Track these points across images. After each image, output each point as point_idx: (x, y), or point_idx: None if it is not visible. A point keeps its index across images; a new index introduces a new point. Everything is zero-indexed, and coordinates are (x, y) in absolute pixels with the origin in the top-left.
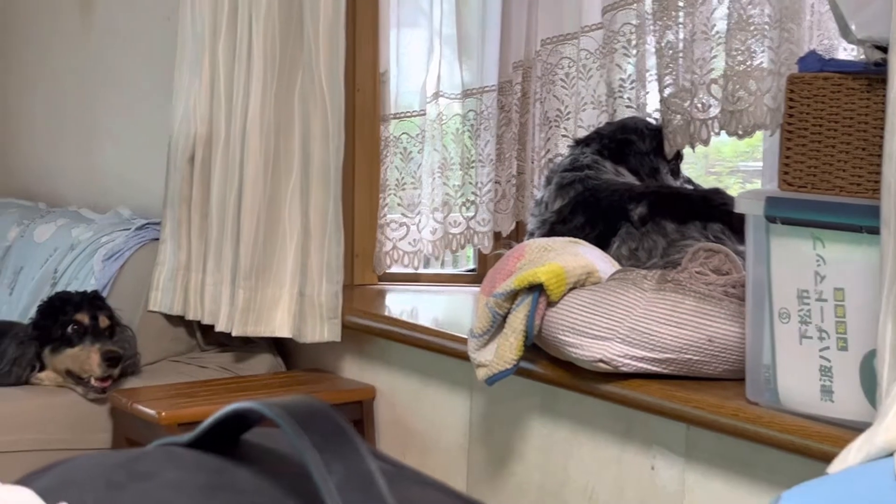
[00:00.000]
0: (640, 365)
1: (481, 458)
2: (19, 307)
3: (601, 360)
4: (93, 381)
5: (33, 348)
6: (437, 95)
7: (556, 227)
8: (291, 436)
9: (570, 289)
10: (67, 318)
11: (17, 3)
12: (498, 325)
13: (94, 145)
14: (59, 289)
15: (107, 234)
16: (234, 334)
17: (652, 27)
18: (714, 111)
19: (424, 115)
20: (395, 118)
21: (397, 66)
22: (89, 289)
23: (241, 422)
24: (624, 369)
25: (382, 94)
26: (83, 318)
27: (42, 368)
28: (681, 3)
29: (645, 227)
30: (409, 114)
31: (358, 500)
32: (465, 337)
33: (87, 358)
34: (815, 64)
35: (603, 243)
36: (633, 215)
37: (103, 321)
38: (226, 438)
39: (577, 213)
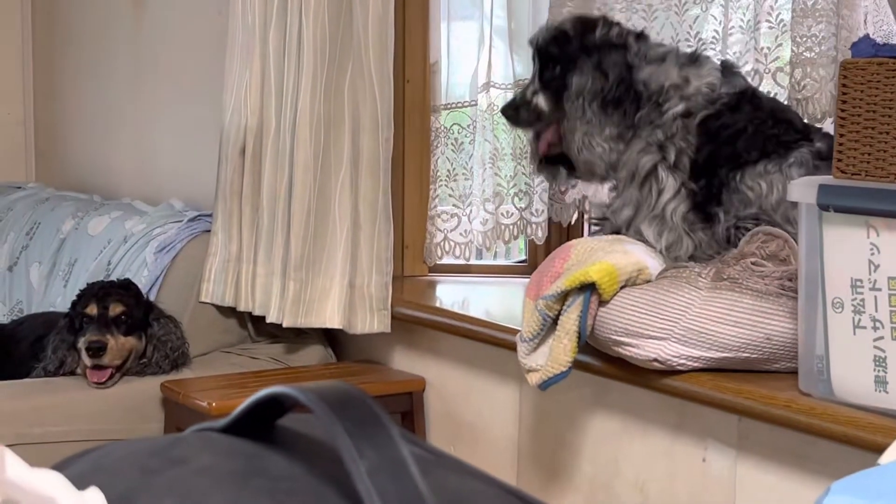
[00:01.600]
0: (696, 364)
1: (531, 449)
2: (74, 298)
3: (656, 360)
4: (87, 373)
5: (71, 336)
6: (487, 86)
7: (715, 117)
8: (324, 421)
9: (622, 287)
10: (78, 310)
11: (73, 4)
12: (548, 327)
13: (147, 138)
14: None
15: (159, 226)
16: (284, 325)
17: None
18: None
19: (475, 105)
20: (445, 109)
21: (448, 57)
22: (143, 280)
23: (275, 407)
24: (679, 368)
25: (433, 85)
26: (91, 309)
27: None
28: None
29: (821, 161)
30: (459, 104)
31: (389, 486)
32: (515, 328)
33: (80, 349)
34: (868, 49)
35: (768, 145)
36: (817, 145)
37: (114, 310)
38: (261, 424)
39: (751, 107)
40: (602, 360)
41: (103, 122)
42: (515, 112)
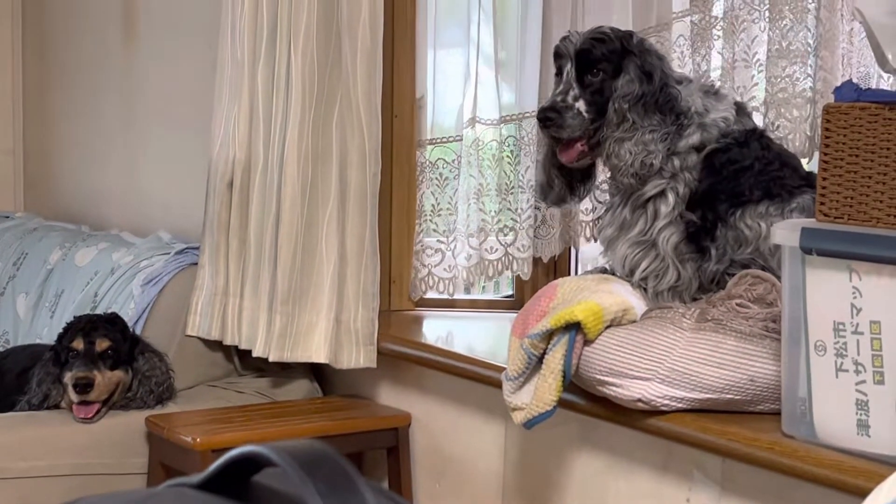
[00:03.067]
0: (680, 405)
1: (517, 486)
2: (60, 330)
3: (640, 400)
4: (73, 408)
5: (56, 370)
6: (473, 121)
7: (723, 151)
8: (296, 481)
9: (607, 327)
10: (64, 344)
11: (62, 31)
12: (533, 366)
13: (136, 169)
14: (99, 312)
15: (146, 258)
16: (270, 360)
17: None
18: None
19: (461, 140)
20: (430, 144)
21: (433, 91)
22: (129, 312)
23: (250, 464)
24: (663, 409)
25: (418, 120)
26: (78, 343)
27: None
28: (718, 32)
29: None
30: (445, 139)
31: None
32: (501, 365)
33: (66, 384)
34: (851, 93)
35: (772, 186)
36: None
37: (100, 345)
38: (236, 479)
39: (759, 146)
40: (587, 400)
41: (92, 152)
42: (559, 115)
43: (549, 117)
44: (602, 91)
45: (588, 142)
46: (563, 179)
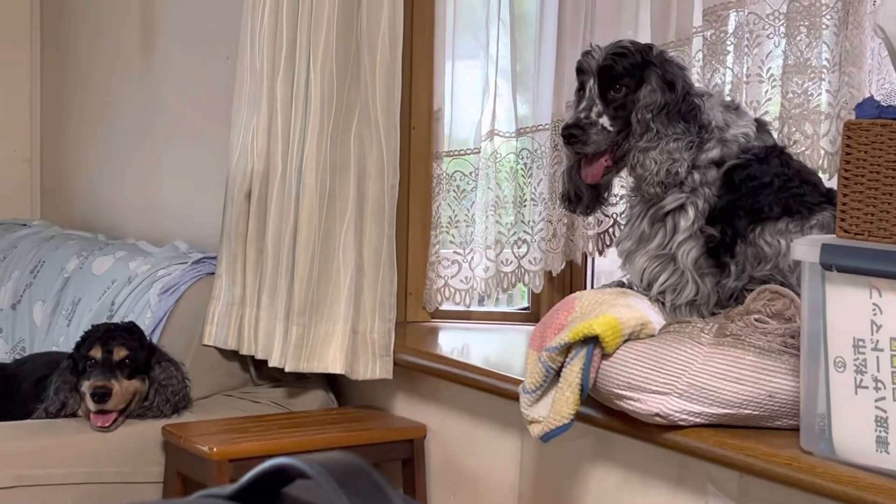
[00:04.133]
0: (698, 420)
1: (532, 499)
2: (77, 339)
3: (658, 415)
4: (91, 417)
5: (74, 378)
6: (491, 134)
7: (742, 167)
8: (329, 494)
9: (625, 341)
10: (82, 352)
11: (80, 42)
12: (551, 379)
13: (153, 179)
14: (116, 321)
15: (163, 267)
16: (287, 370)
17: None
18: None
19: (478, 153)
20: (448, 156)
21: (451, 103)
22: (146, 321)
23: (282, 476)
24: (681, 423)
25: (436, 132)
26: (96, 352)
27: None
28: (729, 47)
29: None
30: (462, 152)
31: None
32: (517, 378)
33: (84, 393)
34: (872, 110)
35: (792, 203)
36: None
37: (118, 354)
38: (267, 491)
39: (779, 162)
40: (604, 413)
41: (109, 161)
42: (583, 132)
43: (573, 134)
44: (625, 106)
45: (613, 156)
46: (591, 189)
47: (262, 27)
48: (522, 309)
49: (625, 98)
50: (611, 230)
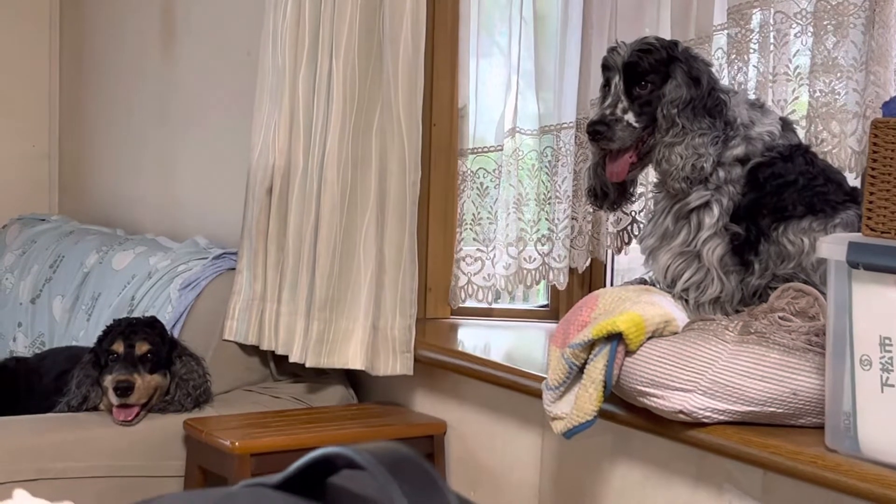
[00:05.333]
0: (722, 418)
1: (553, 496)
2: (97, 334)
3: (681, 412)
4: (113, 411)
5: (96, 372)
6: (513, 131)
7: (767, 165)
8: (381, 483)
9: (648, 338)
10: (104, 346)
11: (102, 39)
12: (574, 376)
13: (172, 174)
14: (137, 316)
15: (184, 262)
16: (307, 365)
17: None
18: None
19: (501, 150)
20: (472, 153)
21: (475, 101)
22: (167, 316)
23: (328, 465)
24: (705, 421)
25: (460, 129)
26: (118, 347)
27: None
28: (754, 46)
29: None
30: (486, 149)
31: None
32: (538, 374)
33: (106, 387)
34: None
35: (816, 202)
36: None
37: (140, 348)
38: (313, 481)
39: (803, 161)
40: (627, 410)
41: (128, 156)
42: (608, 128)
43: (598, 130)
44: (651, 102)
45: (638, 152)
46: (617, 185)
47: (284, 22)
48: (542, 307)
49: (650, 94)
50: (629, 228)
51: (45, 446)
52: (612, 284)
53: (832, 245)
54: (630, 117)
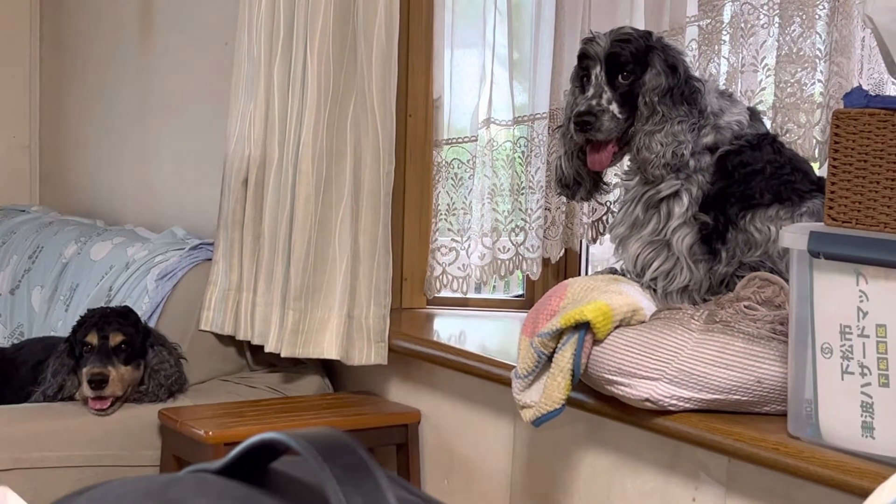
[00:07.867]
0: (687, 406)
1: (525, 484)
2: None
3: (648, 400)
4: (88, 401)
5: (71, 361)
6: (488, 122)
7: (735, 154)
8: (314, 467)
9: (616, 327)
10: (79, 337)
11: (79, 27)
12: (543, 365)
13: (151, 165)
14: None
15: (161, 253)
16: (282, 355)
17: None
18: None
19: (476, 141)
20: (447, 144)
21: (450, 91)
22: (143, 307)
23: (269, 451)
24: (671, 409)
25: (435, 120)
26: (92, 338)
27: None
28: (725, 37)
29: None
30: (460, 140)
31: None
32: (510, 364)
33: (81, 379)
34: (860, 99)
35: (783, 191)
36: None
37: (114, 339)
38: (255, 466)
39: (771, 150)
40: (595, 399)
41: (108, 147)
42: (596, 119)
43: (587, 121)
44: (632, 92)
45: (619, 141)
46: (591, 174)
47: (259, 12)
48: (517, 296)
49: (631, 84)
50: (604, 218)
51: (20, 436)
52: (586, 274)
53: (794, 234)
54: (614, 108)
